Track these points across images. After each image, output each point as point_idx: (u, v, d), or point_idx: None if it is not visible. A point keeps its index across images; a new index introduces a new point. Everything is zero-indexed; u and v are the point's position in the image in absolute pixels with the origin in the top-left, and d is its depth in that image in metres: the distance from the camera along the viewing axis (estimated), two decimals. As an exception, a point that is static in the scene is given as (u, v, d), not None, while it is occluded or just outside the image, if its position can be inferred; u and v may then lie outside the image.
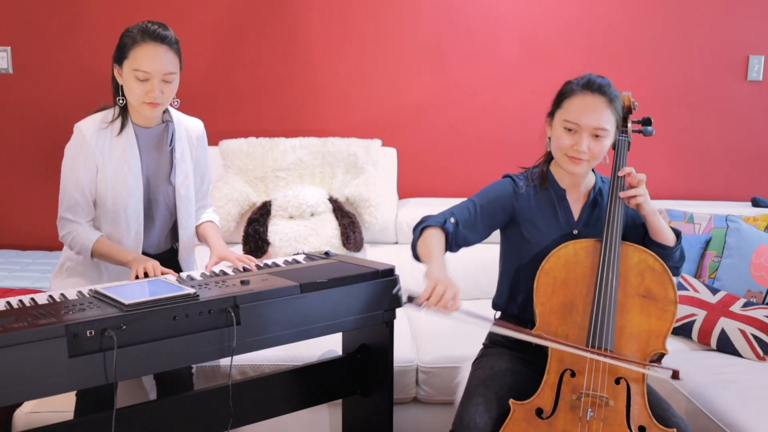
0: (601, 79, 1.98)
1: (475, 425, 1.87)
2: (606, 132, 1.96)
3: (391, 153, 3.36)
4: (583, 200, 2.08)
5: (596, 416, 1.82)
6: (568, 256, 1.96)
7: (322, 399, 2.39)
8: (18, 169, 3.53)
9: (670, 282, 1.92)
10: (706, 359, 2.57)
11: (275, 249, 3.02)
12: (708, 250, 2.94)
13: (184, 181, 2.35)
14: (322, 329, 2.08)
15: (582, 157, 1.96)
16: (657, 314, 1.90)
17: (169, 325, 1.80)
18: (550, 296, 1.94)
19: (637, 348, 1.89)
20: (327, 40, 3.47)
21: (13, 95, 3.48)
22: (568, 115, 1.96)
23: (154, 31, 2.17)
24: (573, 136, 1.96)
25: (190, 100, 3.45)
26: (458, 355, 2.53)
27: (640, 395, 1.85)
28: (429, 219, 2.05)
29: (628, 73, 3.52)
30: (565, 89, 2.01)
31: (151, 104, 2.18)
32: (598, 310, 1.87)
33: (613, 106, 1.97)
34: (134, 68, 2.14)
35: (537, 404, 1.87)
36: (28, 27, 3.43)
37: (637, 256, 1.95)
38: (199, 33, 3.44)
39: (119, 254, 2.22)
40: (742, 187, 3.61)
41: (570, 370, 1.88)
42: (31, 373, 1.63)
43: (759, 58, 3.52)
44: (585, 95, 1.96)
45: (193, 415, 2.11)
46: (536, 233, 2.06)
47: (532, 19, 3.48)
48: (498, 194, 2.07)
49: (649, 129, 2.12)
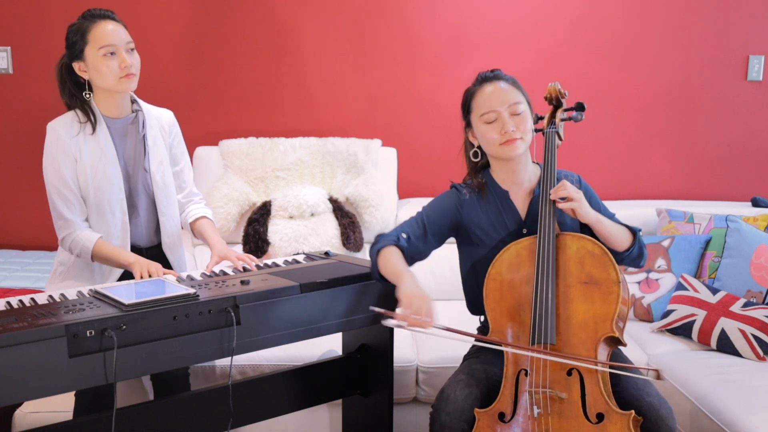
0: (493, 71, 2.09)
1: (454, 397, 1.91)
2: (520, 105, 2.03)
3: (391, 153, 3.36)
4: (529, 197, 2.10)
5: (548, 412, 1.82)
6: (511, 258, 1.98)
7: (322, 399, 2.39)
8: (18, 169, 3.53)
9: (611, 263, 1.91)
10: (706, 359, 2.57)
11: (275, 249, 3.02)
12: (708, 250, 2.94)
13: (159, 168, 2.35)
14: (322, 329, 2.08)
15: (514, 136, 2.00)
16: (601, 298, 1.89)
17: (169, 325, 1.80)
18: (499, 301, 1.96)
19: (586, 336, 1.88)
20: (327, 40, 3.47)
21: (13, 95, 3.48)
22: (481, 109, 2.04)
23: (98, 12, 2.24)
24: (496, 124, 2.01)
25: (190, 100, 3.47)
26: (458, 355, 2.51)
27: (594, 383, 1.83)
28: (381, 239, 2.09)
29: (628, 73, 3.52)
30: (466, 95, 2.12)
31: (128, 75, 2.22)
32: (537, 306, 1.89)
33: (512, 84, 2.06)
34: (100, 46, 2.18)
35: (498, 409, 1.88)
36: (28, 27, 3.43)
37: (576, 244, 1.95)
38: (199, 33, 3.44)
39: (120, 256, 2.22)
40: (742, 187, 3.61)
41: (524, 370, 1.89)
42: (31, 373, 1.63)
43: (759, 58, 3.52)
44: (485, 87, 2.06)
45: (193, 415, 2.11)
46: (486, 237, 2.09)
47: (533, 19, 3.48)
48: (443, 205, 2.14)
49: (576, 114, 2.12)
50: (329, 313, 2.08)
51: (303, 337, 2.05)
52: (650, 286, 2.94)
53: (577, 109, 2.13)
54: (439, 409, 1.92)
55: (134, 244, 2.38)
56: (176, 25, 3.43)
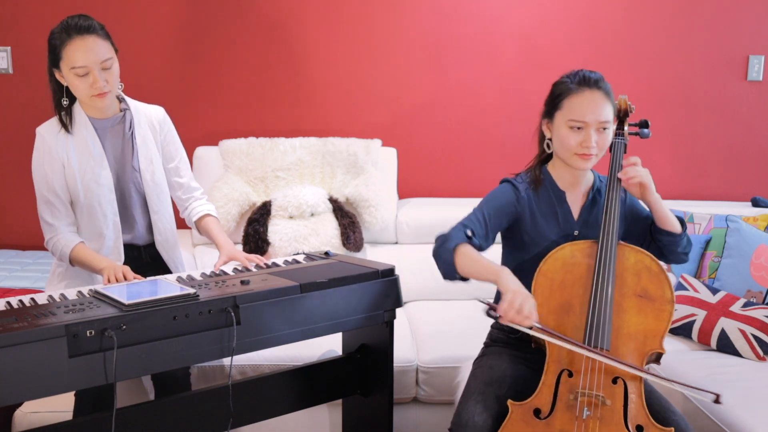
0: (594, 74, 2.01)
1: (473, 424, 1.87)
2: (609, 124, 1.99)
3: (391, 153, 3.36)
4: (583, 200, 2.09)
5: (593, 415, 1.82)
6: (566, 258, 1.97)
7: (322, 399, 2.39)
8: (18, 169, 3.52)
9: (667, 282, 1.93)
10: (706, 359, 2.57)
11: (275, 249, 3.02)
12: (708, 250, 2.94)
13: (149, 167, 2.35)
14: (322, 329, 2.08)
15: (592, 152, 1.98)
16: (654, 314, 1.91)
17: (169, 325, 1.80)
18: (548, 298, 1.94)
19: (634, 348, 1.89)
20: (327, 40, 3.47)
21: (13, 95, 3.48)
22: (572, 114, 1.97)
23: (76, 25, 2.17)
24: (580, 133, 1.97)
25: (189, 100, 3.47)
26: (458, 355, 2.53)
27: (637, 394, 1.85)
28: (450, 237, 1.98)
29: (628, 73, 3.52)
30: (560, 89, 2.02)
31: (99, 95, 2.19)
32: (595, 311, 1.88)
33: (610, 98, 2.00)
34: (71, 67, 2.15)
35: (535, 404, 1.87)
36: (28, 27, 3.43)
37: (634, 257, 1.96)
38: (199, 33, 3.44)
39: (94, 261, 2.22)
40: (742, 187, 3.61)
41: (567, 370, 1.88)
42: (31, 373, 1.63)
43: (759, 58, 3.51)
44: (584, 92, 1.98)
45: (193, 415, 2.11)
46: (536, 235, 2.06)
47: (533, 19, 3.48)
48: (502, 201, 2.07)
49: (645, 131, 2.15)
50: (329, 313, 2.08)
51: (303, 337, 2.05)
52: (650, 286, 2.94)
53: (641, 126, 2.15)
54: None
55: (132, 244, 2.38)
56: (176, 25, 3.43)
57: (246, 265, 2.26)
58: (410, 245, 3.26)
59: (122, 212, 2.34)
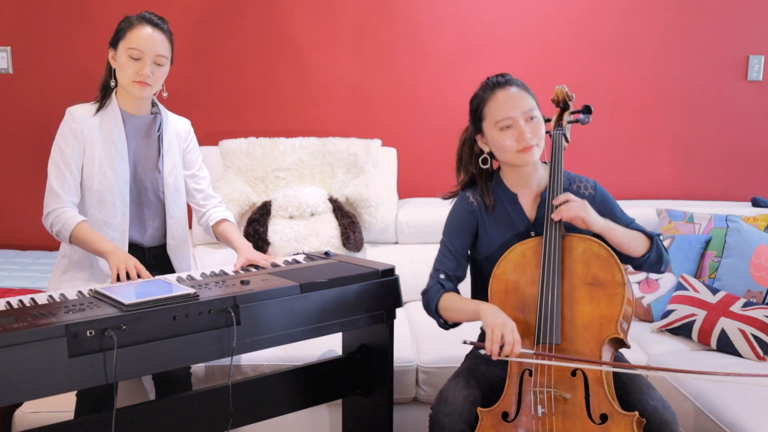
0: (502, 76, 2.05)
1: (454, 398, 1.91)
2: (534, 111, 2.01)
3: (391, 153, 3.36)
4: (537, 200, 2.10)
5: (554, 411, 1.82)
6: (516, 259, 1.98)
7: (322, 399, 2.39)
8: (18, 169, 3.53)
9: (617, 265, 1.91)
10: (706, 359, 2.57)
11: (275, 249, 3.02)
12: (708, 250, 2.94)
13: (172, 171, 2.39)
14: (322, 329, 2.08)
15: (531, 143, 1.98)
16: (606, 300, 1.89)
17: (169, 325, 1.80)
18: (504, 300, 1.96)
19: (590, 337, 1.88)
20: (327, 40, 3.47)
21: (13, 95, 3.48)
22: (497, 116, 2.00)
23: (150, 18, 2.30)
24: (512, 130, 1.99)
25: (189, 100, 3.47)
26: (458, 355, 2.52)
27: (598, 384, 1.83)
28: (429, 297, 2.07)
29: (628, 73, 3.52)
30: (477, 101, 2.07)
31: (140, 83, 2.25)
32: (543, 307, 1.89)
33: (525, 89, 2.04)
34: (129, 47, 2.24)
35: (502, 408, 1.88)
36: (28, 27, 3.43)
37: (582, 246, 1.95)
38: (199, 33, 3.44)
39: (98, 242, 2.20)
40: (742, 187, 3.61)
41: (528, 370, 1.89)
42: (31, 373, 1.63)
43: (759, 58, 3.52)
44: (498, 93, 2.02)
45: (193, 415, 2.11)
46: (493, 239, 2.08)
47: (533, 19, 3.48)
48: (457, 218, 2.12)
49: (582, 117, 2.13)
50: (329, 313, 2.08)
51: (303, 337, 2.05)
52: (650, 286, 2.94)
53: (584, 111, 2.14)
54: (439, 411, 1.92)
55: (137, 243, 2.38)
56: (176, 25, 3.41)
57: (266, 267, 2.27)
58: (410, 245, 3.26)
59: (133, 209, 2.35)
